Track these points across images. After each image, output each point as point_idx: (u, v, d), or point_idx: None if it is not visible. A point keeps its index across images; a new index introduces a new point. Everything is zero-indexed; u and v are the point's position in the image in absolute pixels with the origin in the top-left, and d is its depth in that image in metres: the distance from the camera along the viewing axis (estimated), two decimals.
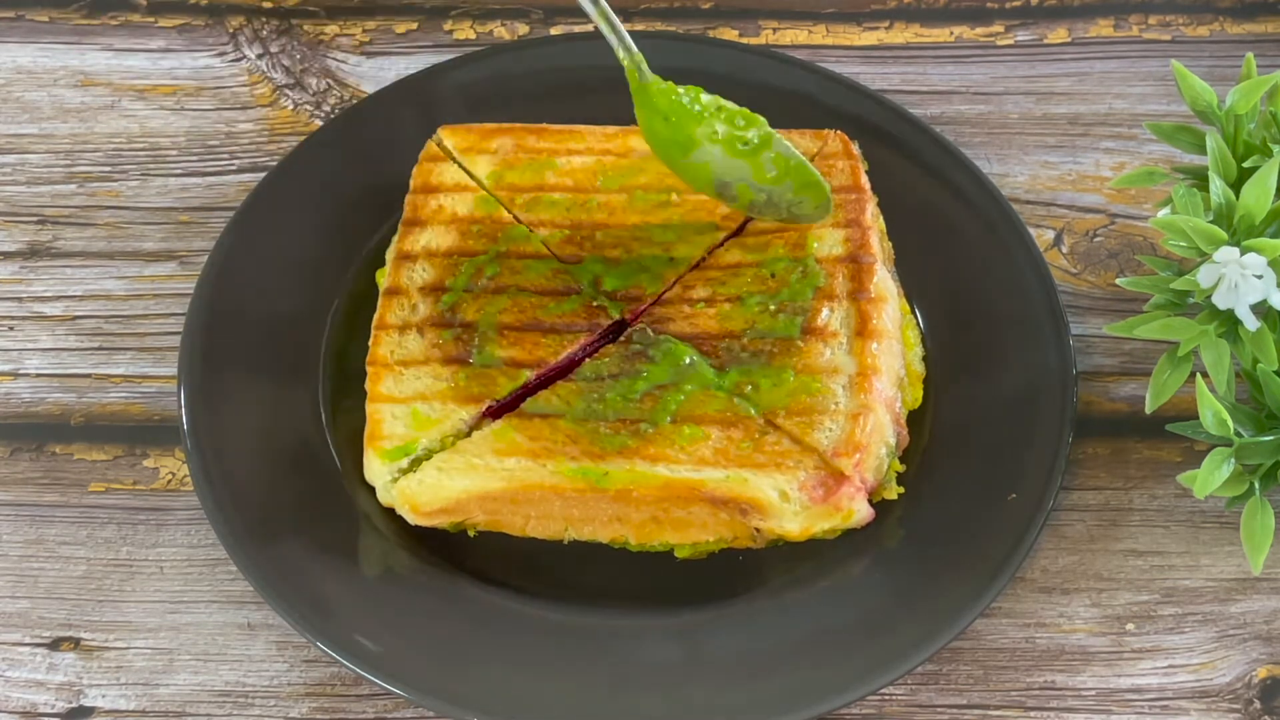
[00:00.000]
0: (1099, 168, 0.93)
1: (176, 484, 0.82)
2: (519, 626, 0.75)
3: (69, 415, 0.84)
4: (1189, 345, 0.75)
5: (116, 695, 0.76)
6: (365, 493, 0.79)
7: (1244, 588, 0.79)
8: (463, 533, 0.78)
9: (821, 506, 0.75)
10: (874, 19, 1.00)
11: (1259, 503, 0.74)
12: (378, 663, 0.73)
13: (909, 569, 0.76)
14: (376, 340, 0.81)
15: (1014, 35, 0.99)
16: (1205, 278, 0.74)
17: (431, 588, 0.76)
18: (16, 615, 0.78)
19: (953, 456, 0.80)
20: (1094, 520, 0.81)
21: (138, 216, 0.91)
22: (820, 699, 0.72)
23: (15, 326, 0.87)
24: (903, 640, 0.74)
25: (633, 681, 0.73)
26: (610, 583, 0.77)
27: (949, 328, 0.84)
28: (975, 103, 0.96)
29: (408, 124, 0.89)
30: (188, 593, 0.79)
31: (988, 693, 0.76)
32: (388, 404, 0.78)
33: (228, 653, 0.77)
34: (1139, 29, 0.99)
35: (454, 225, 0.84)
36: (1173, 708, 0.76)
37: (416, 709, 0.75)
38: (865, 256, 0.82)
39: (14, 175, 0.93)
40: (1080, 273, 0.89)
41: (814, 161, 0.86)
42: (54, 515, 0.81)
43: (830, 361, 0.79)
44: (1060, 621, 0.78)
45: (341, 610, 0.75)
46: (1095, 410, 0.85)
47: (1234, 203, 0.75)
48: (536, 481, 0.75)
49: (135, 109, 0.95)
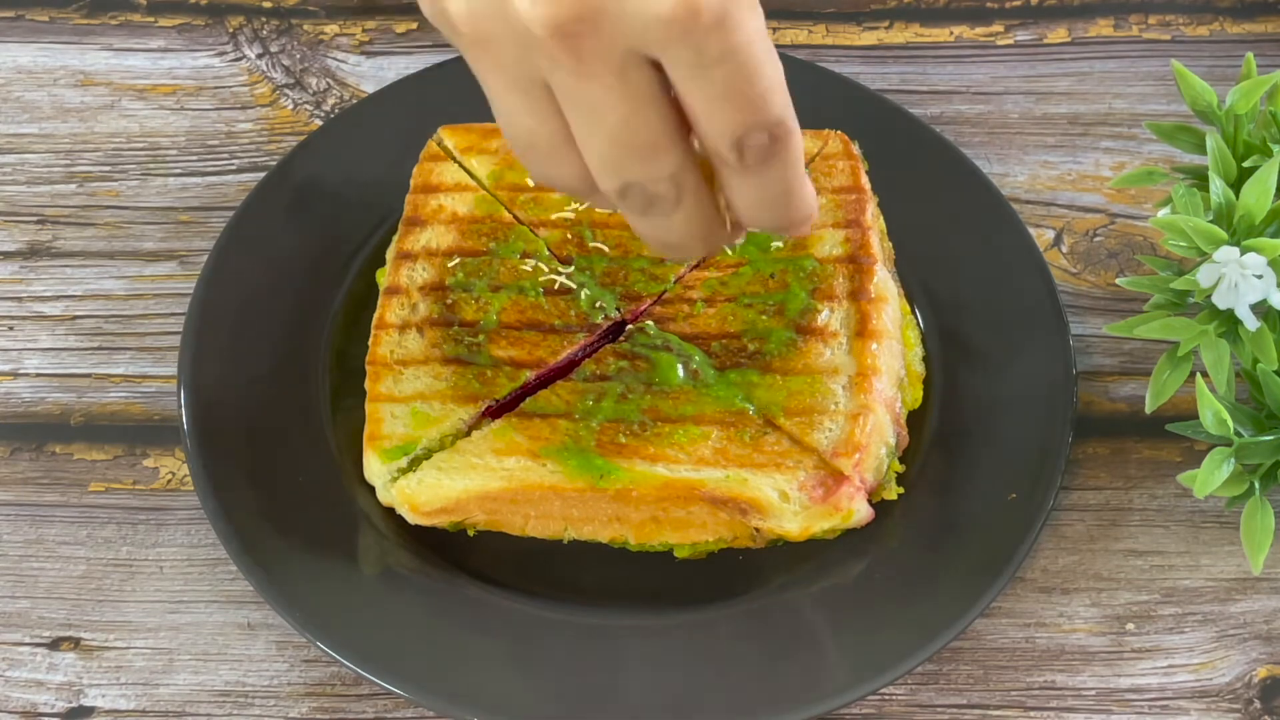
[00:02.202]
0: (1099, 168, 0.93)
1: (176, 484, 0.82)
2: (519, 626, 0.75)
3: (69, 415, 0.84)
4: (1189, 345, 0.75)
5: (116, 695, 0.76)
6: (365, 493, 0.79)
7: (1244, 588, 0.79)
8: (462, 532, 0.78)
9: (821, 506, 0.75)
10: (874, 19, 1.00)
11: (1259, 503, 0.74)
12: (378, 663, 0.73)
13: (909, 569, 0.76)
14: (376, 340, 0.81)
15: (1014, 35, 0.99)
16: (1205, 278, 0.74)
17: (431, 588, 0.76)
18: (16, 615, 0.78)
19: (953, 456, 0.80)
20: (1094, 520, 0.81)
21: (137, 216, 0.91)
22: (820, 699, 0.72)
23: (15, 326, 0.87)
24: (903, 640, 0.74)
25: (632, 681, 0.73)
26: (610, 583, 0.77)
27: (949, 328, 0.84)
28: (975, 103, 0.96)
29: (408, 124, 0.89)
30: (187, 592, 0.79)
31: (988, 693, 0.76)
32: (387, 404, 0.78)
33: (228, 653, 0.77)
34: (1139, 29, 0.99)
35: (454, 225, 0.84)
36: (1173, 708, 0.76)
37: (416, 709, 0.75)
38: (865, 257, 0.82)
39: (14, 175, 0.93)
40: (1080, 273, 0.89)
41: (814, 162, 0.86)
42: (54, 515, 0.81)
43: (830, 362, 0.79)
44: (1060, 621, 0.78)
45: (341, 610, 0.75)
46: (1095, 410, 0.85)
47: (1234, 203, 0.75)
48: (536, 481, 0.75)
49: (135, 109, 0.95)
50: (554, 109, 0.60)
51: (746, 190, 0.63)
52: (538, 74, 0.59)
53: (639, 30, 0.57)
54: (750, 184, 0.62)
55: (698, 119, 0.60)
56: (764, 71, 0.59)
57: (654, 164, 0.61)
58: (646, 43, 0.57)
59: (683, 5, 0.56)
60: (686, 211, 0.63)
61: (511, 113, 0.61)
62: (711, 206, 0.64)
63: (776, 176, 0.62)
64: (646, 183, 0.61)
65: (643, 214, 0.63)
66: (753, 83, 0.59)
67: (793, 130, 0.61)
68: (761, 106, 0.60)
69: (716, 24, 0.57)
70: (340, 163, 0.89)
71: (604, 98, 0.58)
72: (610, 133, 0.59)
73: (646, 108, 0.59)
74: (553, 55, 0.57)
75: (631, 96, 0.58)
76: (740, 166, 0.61)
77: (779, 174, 0.62)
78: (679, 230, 0.64)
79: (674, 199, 0.62)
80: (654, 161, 0.60)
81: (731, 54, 0.58)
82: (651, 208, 0.63)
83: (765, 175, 0.62)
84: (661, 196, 0.62)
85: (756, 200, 0.63)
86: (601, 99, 0.58)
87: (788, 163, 0.62)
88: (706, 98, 0.59)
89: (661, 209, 0.63)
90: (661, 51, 0.58)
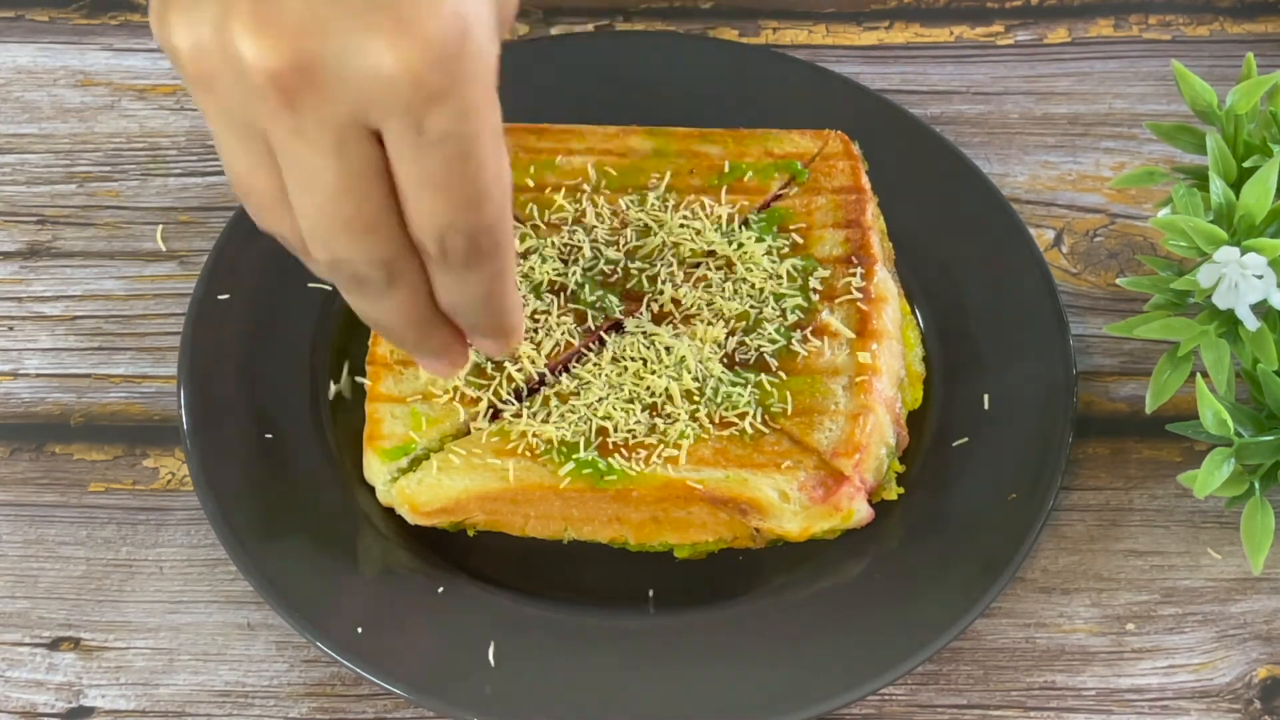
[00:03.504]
0: (1099, 168, 0.93)
1: (176, 484, 0.82)
2: (519, 626, 0.75)
3: (68, 415, 0.84)
4: (1189, 345, 0.75)
5: (116, 695, 0.76)
6: (365, 493, 0.79)
7: (1244, 588, 0.79)
8: (462, 532, 0.78)
9: (821, 506, 0.75)
10: (874, 19, 1.00)
11: (1259, 503, 0.74)
12: (378, 663, 0.73)
13: (909, 569, 0.76)
14: (376, 340, 0.81)
15: (1014, 35, 0.99)
16: (1205, 278, 0.74)
17: (431, 588, 0.76)
18: (16, 615, 0.78)
19: (953, 456, 0.80)
20: (1094, 520, 0.81)
21: (137, 216, 0.91)
22: (820, 699, 0.72)
23: (15, 326, 0.87)
24: (903, 640, 0.74)
25: (632, 681, 0.73)
26: (610, 583, 0.77)
27: (949, 328, 0.84)
28: (975, 103, 0.96)
29: None
30: (187, 593, 0.79)
31: (988, 693, 0.76)
32: (388, 404, 0.78)
33: (228, 653, 0.77)
34: (1139, 29, 0.99)
35: None
36: (1173, 708, 0.76)
37: (416, 709, 0.75)
38: (865, 257, 0.82)
39: (14, 175, 0.93)
40: (1080, 273, 0.89)
41: (814, 162, 0.86)
42: (53, 515, 0.81)
43: (830, 362, 0.79)
44: (1060, 621, 0.78)
45: (341, 610, 0.74)
46: (1095, 410, 0.85)
47: (1234, 203, 0.75)
48: (536, 481, 0.75)
49: (135, 109, 0.95)
50: (272, 162, 0.57)
51: (447, 285, 0.60)
52: (259, 123, 0.56)
53: (359, 92, 0.54)
54: (450, 281, 0.60)
55: (405, 201, 0.57)
56: (484, 170, 0.56)
57: (364, 245, 0.58)
58: (367, 107, 0.54)
59: (404, 67, 0.53)
60: (398, 300, 0.60)
61: (231, 156, 0.58)
62: (427, 301, 0.61)
63: (476, 282, 0.60)
64: (355, 262, 0.58)
65: (352, 293, 0.61)
66: (468, 179, 0.56)
67: (501, 244, 0.59)
68: (472, 207, 0.57)
69: (441, 95, 0.54)
70: None
71: (318, 164, 0.56)
72: (321, 203, 0.57)
73: (362, 184, 0.56)
74: (272, 107, 0.55)
75: (347, 170, 0.55)
76: (441, 263, 0.59)
77: (480, 281, 0.60)
78: (389, 318, 0.62)
79: (383, 284, 0.59)
80: (364, 242, 0.58)
81: (452, 139, 0.55)
82: (360, 288, 0.60)
83: (466, 278, 0.60)
84: (369, 280, 0.59)
85: (456, 299, 0.61)
86: (316, 165, 0.56)
87: (491, 274, 0.60)
88: (416, 181, 0.56)
89: (370, 292, 0.60)
90: (382, 120, 0.55)
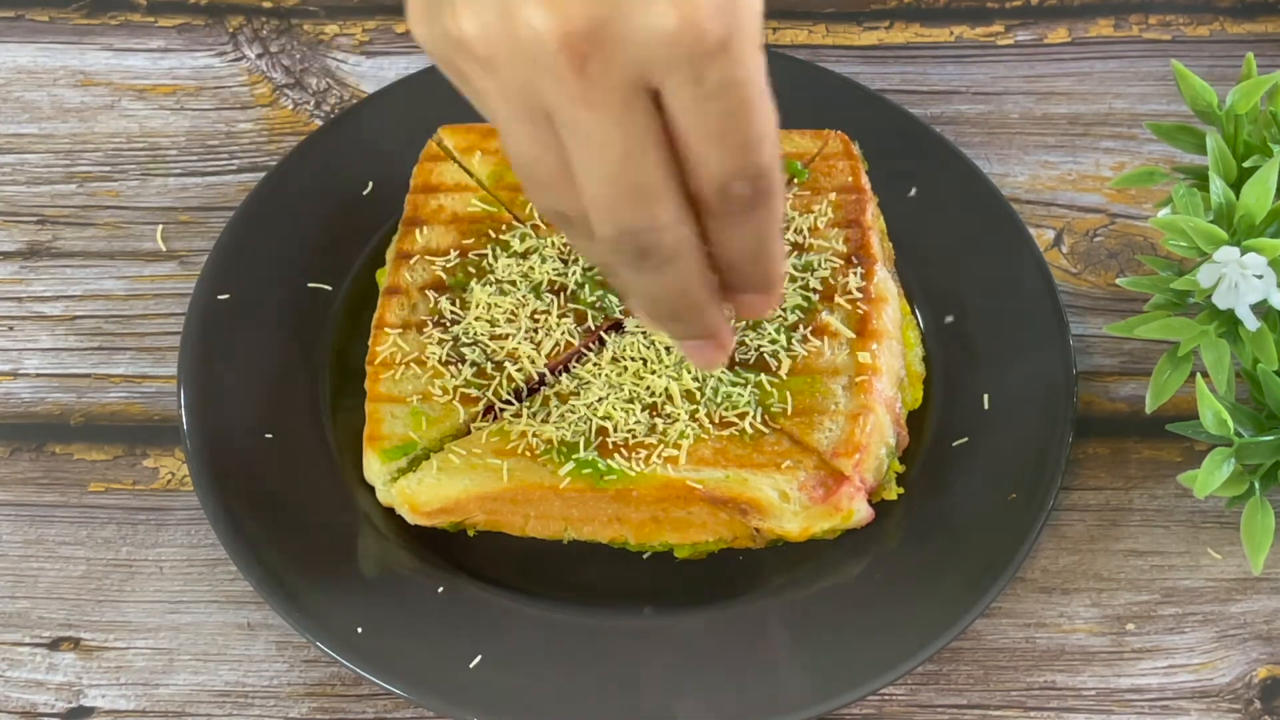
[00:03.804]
0: (1099, 168, 0.93)
1: (176, 484, 0.82)
2: (519, 626, 0.75)
3: (68, 415, 0.84)
4: (1189, 345, 0.75)
5: (116, 695, 0.76)
6: (365, 493, 0.79)
7: (1244, 588, 0.79)
8: (463, 532, 0.78)
9: (821, 506, 0.75)
10: (874, 19, 1.00)
11: (1259, 503, 0.74)
12: (378, 663, 0.73)
13: (909, 569, 0.76)
14: (376, 340, 0.81)
15: (1014, 35, 0.99)
16: (1205, 278, 0.74)
17: (431, 588, 0.76)
18: (16, 615, 0.78)
19: (953, 456, 0.80)
20: (1094, 520, 0.81)
21: (137, 216, 0.91)
22: (820, 699, 0.72)
23: (15, 326, 0.87)
24: (903, 640, 0.74)
25: (632, 681, 0.73)
26: (610, 583, 0.77)
27: (949, 328, 0.84)
28: (975, 103, 0.96)
29: (408, 124, 0.89)
30: (187, 593, 0.79)
31: (988, 693, 0.76)
32: (387, 404, 0.78)
33: (228, 653, 0.77)
34: (1139, 29, 0.99)
35: (454, 224, 0.84)
36: (1173, 708, 0.76)
37: (416, 709, 0.75)
38: (865, 257, 0.82)
39: (14, 175, 0.93)
40: (1080, 273, 0.89)
41: (814, 161, 0.86)
42: (53, 515, 0.81)
43: (830, 362, 0.79)
44: (1060, 621, 0.78)
45: (341, 610, 0.74)
46: (1095, 410, 0.85)
47: (1234, 203, 0.75)
48: (536, 481, 0.75)
49: (135, 109, 0.95)
50: (556, 139, 0.59)
51: (728, 236, 0.62)
52: (543, 100, 0.58)
53: (643, 50, 0.56)
54: (731, 231, 0.61)
55: (689, 155, 0.59)
56: (759, 115, 0.59)
57: (651, 210, 0.59)
58: (650, 66, 0.57)
59: (687, 21, 0.56)
60: (679, 270, 0.62)
61: (513, 138, 0.61)
62: (705, 272, 0.63)
63: (754, 228, 0.61)
64: (641, 231, 0.60)
65: (635, 266, 0.62)
66: (748, 125, 0.58)
67: (776, 186, 0.61)
68: (753, 151, 0.59)
69: (720, 48, 0.56)
70: (340, 163, 0.89)
71: (605, 131, 0.58)
72: (609, 171, 0.59)
73: (646, 147, 0.58)
74: (559, 77, 0.57)
75: (632, 133, 0.58)
76: (722, 212, 0.60)
77: (757, 226, 0.61)
78: (670, 292, 0.62)
79: (668, 253, 0.61)
80: (651, 208, 0.59)
81: (731, 87, 0.57)
82: (644, 260, 0.61)
83: (745, 226, 0.61)
84: (655, 248, 0.61)
85: (735, 250, 0.62)
86: (603, 132, 0.58)
87: (767, 219, 0.61)
88: (701, 132, 0.58)
89: (654, 263, 0.61)
90: (664, 77, 0.57)
